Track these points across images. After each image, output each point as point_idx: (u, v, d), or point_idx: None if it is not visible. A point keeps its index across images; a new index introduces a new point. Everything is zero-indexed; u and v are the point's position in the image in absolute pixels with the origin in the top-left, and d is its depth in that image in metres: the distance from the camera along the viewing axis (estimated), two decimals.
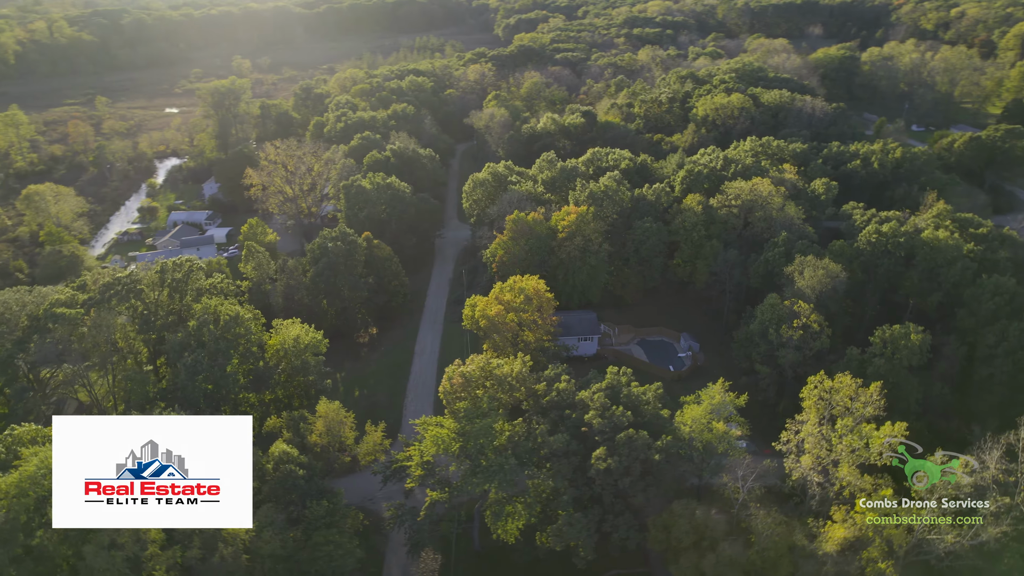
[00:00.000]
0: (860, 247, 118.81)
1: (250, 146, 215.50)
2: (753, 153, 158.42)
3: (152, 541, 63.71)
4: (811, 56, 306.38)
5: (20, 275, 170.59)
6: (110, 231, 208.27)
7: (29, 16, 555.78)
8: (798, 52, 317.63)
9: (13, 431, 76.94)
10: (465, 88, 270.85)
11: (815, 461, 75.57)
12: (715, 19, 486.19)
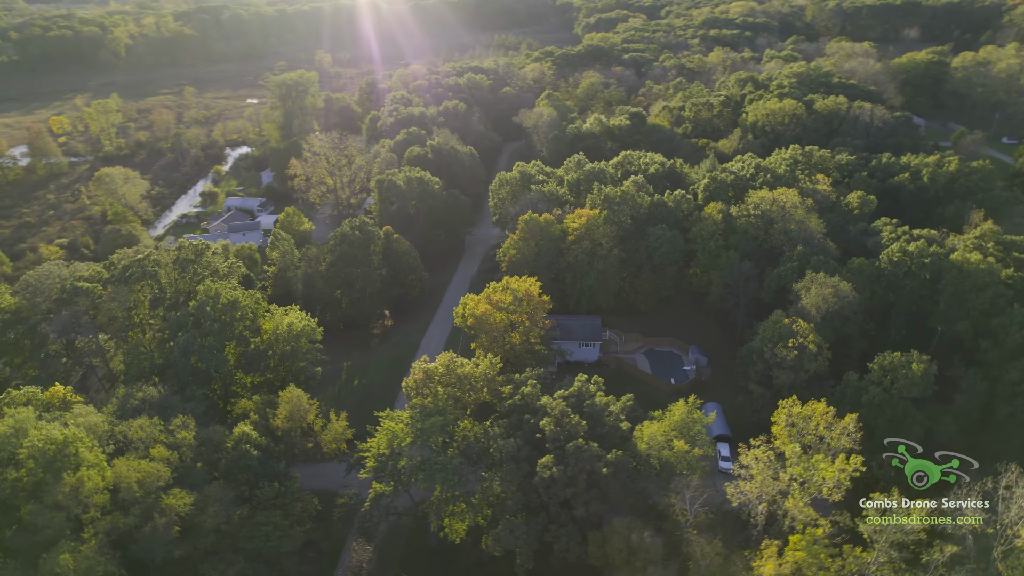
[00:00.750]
0: (882, 266, 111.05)
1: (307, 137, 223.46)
2: (792, 162, 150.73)
3: (94, 505, 67.75)
4: (894, 61, 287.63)
5: (85, 251, 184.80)
6: (173, 213, 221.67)
7: (144, 12, 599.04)
8: (883, 56, 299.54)
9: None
10: (522, 87, 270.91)
11: (760, 489, 71.42)
12: (802, 21, 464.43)
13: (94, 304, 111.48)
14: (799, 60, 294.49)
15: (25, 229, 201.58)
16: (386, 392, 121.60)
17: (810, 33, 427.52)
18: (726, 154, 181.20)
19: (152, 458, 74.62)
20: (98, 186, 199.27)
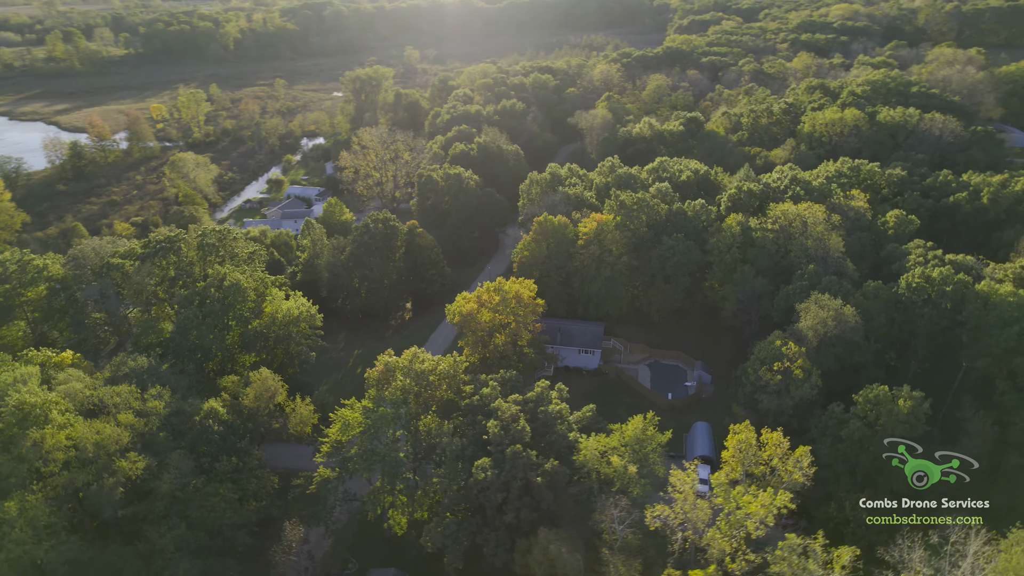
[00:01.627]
0: (900, 292, 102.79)
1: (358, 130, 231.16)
2: (834, 175, 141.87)
3: (54, 460, 73.85)
4: (1001, 69, 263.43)
5: (153, 229, 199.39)
6: (241, 198, 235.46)
7: (257, 8, 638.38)
8: (991, 64, 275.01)
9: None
10: (587, 88, 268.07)
11: (681, 515, 68.10)
12: (912, 25, 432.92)
13: (124, 278, 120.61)
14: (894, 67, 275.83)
15: (110, 207, 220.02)
16: None
17: (918, 38, 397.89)
18: (775, 164, 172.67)
19: (118, 423, 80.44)
20: (172, 169, 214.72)
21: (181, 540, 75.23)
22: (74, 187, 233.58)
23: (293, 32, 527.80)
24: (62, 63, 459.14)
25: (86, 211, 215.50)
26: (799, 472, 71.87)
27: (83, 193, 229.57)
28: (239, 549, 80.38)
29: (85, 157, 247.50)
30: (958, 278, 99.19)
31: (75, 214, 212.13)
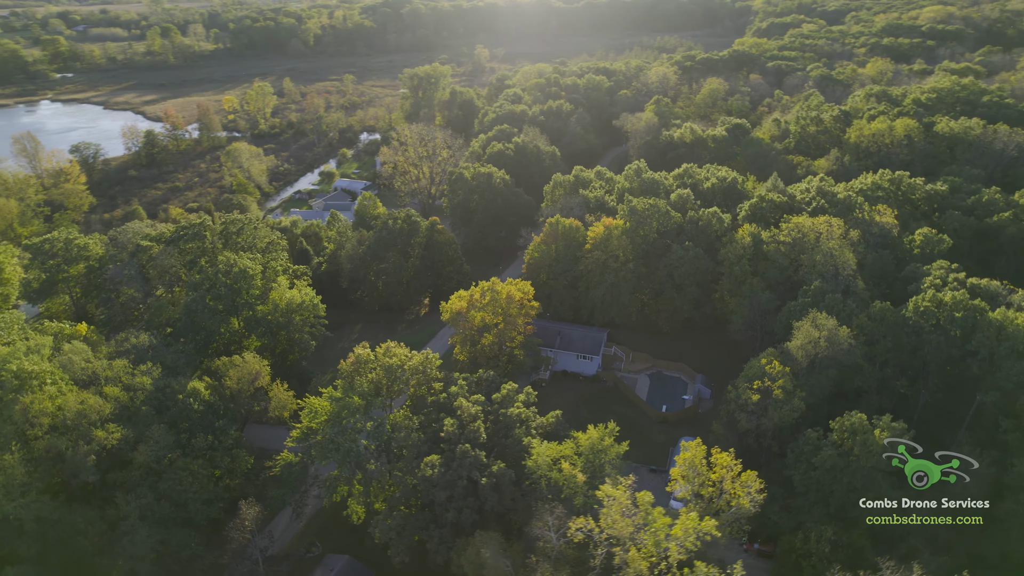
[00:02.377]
0: (907, 315, 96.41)
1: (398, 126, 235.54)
2: (872, 188, 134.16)
3: (40, 425, 79.64)
4: None
5: (205, 215, 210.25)
6: (293, 189, 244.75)
7: (341, 6, 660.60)
8: None
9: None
10: (640, 91, 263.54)
11: (605, 531, 66.27)
12: (1016, 28, 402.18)
13: (150, 260, 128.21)
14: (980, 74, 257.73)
15: (172, 192, 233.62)
16: None
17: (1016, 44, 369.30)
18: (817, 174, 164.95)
19: (104, 395, 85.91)
20: (228, 158, 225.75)
21: (146, 509, 79.55)
22: (144, 173, 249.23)
23: (370, 29, 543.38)
24: (158, 57, 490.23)
25: (151, 196, 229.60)
26: (746, 497, 68.84)
27: (152, 179, 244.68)
28: (202, 523, 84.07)
29: (157, 145, 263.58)
30: (971, 304, 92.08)
31: (141, 198, 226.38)
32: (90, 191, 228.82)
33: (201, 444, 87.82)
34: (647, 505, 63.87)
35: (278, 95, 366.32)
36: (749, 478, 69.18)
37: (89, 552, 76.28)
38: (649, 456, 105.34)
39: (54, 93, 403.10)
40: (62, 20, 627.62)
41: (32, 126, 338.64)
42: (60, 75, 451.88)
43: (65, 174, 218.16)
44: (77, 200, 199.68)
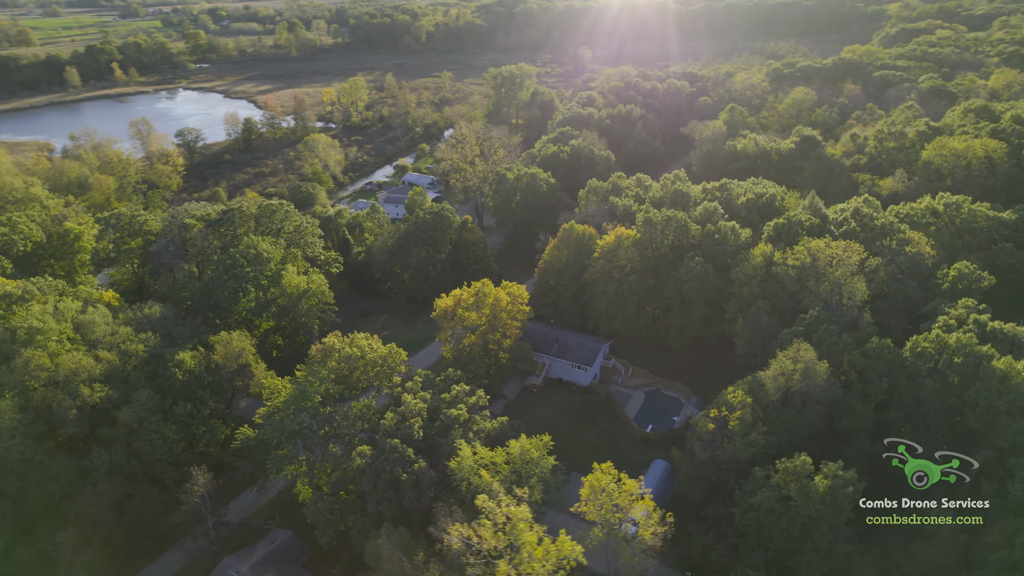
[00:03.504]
0: (904, 356, 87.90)
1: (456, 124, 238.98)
2: (925, 213, 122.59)
3: (37, 378, 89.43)
4: None
5: (277, 200, 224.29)
6: (367, 180, 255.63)
7: (459, 4, 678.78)
8: None
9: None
10: (722, 97, 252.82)
11: (477, 543, 65.22)
12: None
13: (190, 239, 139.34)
14: None
15: (257, 177, 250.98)
16: None
17: None
18: (881, 195, 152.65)
19: (98, 357, 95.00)
20: (306, 148, 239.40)
21: (116, 464, 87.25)
22: (238, 158, 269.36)
23: (480, 27, 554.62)
24: (282, 50, 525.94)
25: (238, 179, 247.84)
26: (650, 531, 65.96)
27: (243, 163, 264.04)
28: (169, 484, 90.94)
29: (254, 132, 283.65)
30: (975, 349, 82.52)
31: (229, 181, 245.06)
32: (188, 172, 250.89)
33: (180, 411, 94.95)
34: (518, 522, 62.53)
35: (378, 89, 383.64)
36: (644, 504, 66.05)
37: (59, 496, 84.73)
38: None
39: (188, 81, 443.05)
40: (210, 16, 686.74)
41: (164, 110, 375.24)
42: (197, 65, 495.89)
43: (167, 156, 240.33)
44: (167, 180, 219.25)
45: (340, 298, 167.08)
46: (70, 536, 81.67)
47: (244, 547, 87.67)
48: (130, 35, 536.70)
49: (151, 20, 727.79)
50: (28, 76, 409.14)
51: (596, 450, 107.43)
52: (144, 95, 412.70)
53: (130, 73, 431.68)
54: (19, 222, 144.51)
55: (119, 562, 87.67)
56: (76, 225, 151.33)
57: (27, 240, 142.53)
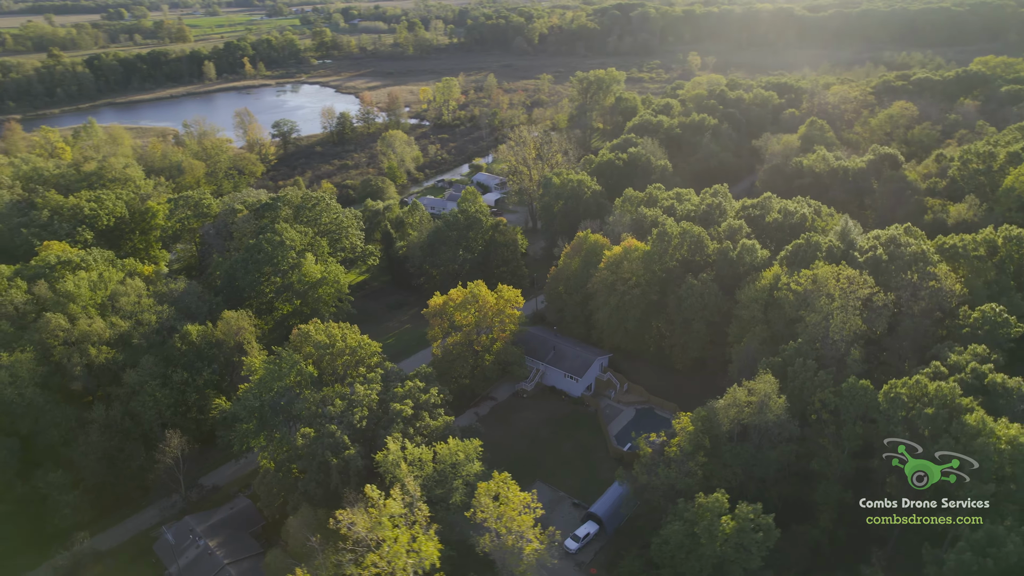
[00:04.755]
0: (879, 401, 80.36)
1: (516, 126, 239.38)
2: (978, 245, 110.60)
3: (56, 337, 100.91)
4: None
5: (351, 192, 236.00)
6: (442, 177, 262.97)
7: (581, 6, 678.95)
8: None
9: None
10: (809, 110, 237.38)
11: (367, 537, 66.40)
12: None
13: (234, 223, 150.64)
14: None
15: (340, 169, 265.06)
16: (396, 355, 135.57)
17: None
18: (946, 223, 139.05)
19: (112, 324, 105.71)
20: (383, 143, 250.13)
21: (112, 419, 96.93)
22: (328, 150, 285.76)
23: (593, 31, 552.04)
24: (399, 48, 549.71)
25: (323, 170, 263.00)
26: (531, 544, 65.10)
27: (331, 156, 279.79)
28: (156, 444, 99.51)
29: (347, 127, 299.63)
30: (956, 401, 74.10)
31: (314, 171, 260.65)
32: (280, 161, 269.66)
33: (177, 379, 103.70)
34: (384, 519, 63.48)
35: (477, 90, 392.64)
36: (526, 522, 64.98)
37: (58, 441, 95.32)
38: (584, 490, 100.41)
39: (308, 76, 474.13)
40: (342, 15, 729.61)
41: (279, 102, 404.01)
42: (319, 61, 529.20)
43: (260, 144, 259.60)
44: (252, 167, 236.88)
45: (380, 289, 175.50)
46: (59, 478, 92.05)
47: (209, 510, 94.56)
48: (272, 32, 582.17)
49: (292, 19, 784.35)
50: (174, 69, 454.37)
51: (567, 462, 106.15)
52: (267, 88, 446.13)
53: (258, 67, 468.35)
54: (106, 199, 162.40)
55: (104, 509, 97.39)
56: (155, 204, 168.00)
57: (111, 215, 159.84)
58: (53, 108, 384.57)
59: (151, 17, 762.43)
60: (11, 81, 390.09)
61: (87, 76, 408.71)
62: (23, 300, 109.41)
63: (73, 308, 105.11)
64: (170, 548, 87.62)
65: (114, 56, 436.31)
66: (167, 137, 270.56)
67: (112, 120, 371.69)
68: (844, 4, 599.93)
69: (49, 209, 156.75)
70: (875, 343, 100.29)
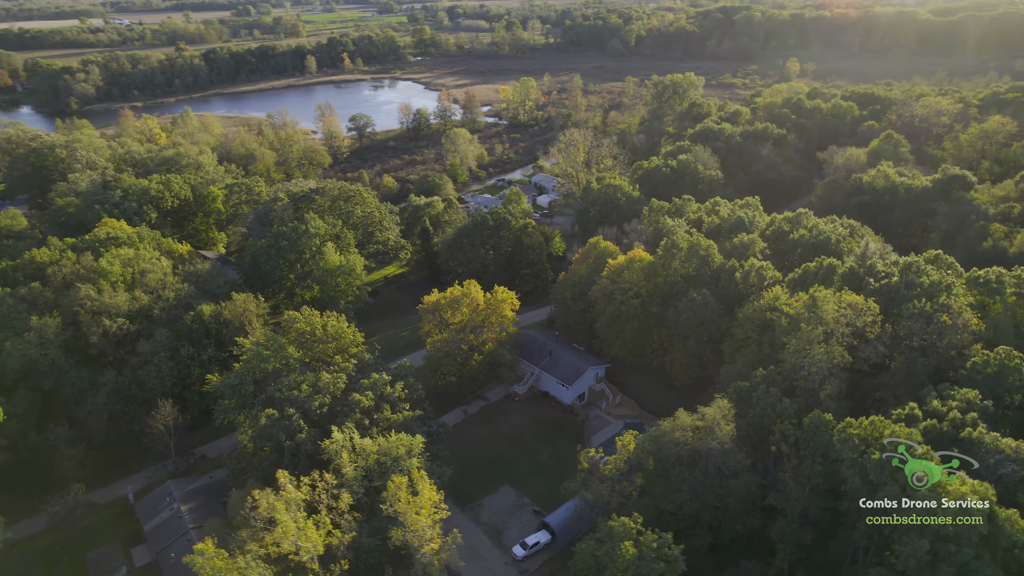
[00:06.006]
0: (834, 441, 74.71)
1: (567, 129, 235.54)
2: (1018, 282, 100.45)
3: (83, 307, 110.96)
4: None
5: (410, 186, 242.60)
6: (504, 176, 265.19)
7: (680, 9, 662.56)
8: None
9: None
10: (892, 124, 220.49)
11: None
12: None
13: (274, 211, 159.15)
14: None
15: (408, 164, 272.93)
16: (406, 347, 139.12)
17: None
18: (1007, 254, 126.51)
19: (134, 298, 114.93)
20: (448, 141, 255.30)
21: (120, 384, 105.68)
22: (401, 145, 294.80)
23: (691, 34, 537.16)
24: (494, 47, 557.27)
25: (391, 164, 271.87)
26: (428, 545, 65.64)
27: (403, 151, 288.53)
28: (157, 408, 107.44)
29: (423, 123, 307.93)
30: (901, 451, 67.91)
31: (382, 165, 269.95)
32: (353, 154, 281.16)
33: (185, 353, 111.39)
34: (279, 503, 65.59)
35: (560, 91, 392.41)
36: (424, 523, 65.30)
37: (71, 400, 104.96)
38: (550, 499, 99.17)
39: (401, 72, 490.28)
40: (447, 13, 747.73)
41: (369, 96, 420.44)
42: (415, 58, 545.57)
43: (334, 137, 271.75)
44: (320, 159, 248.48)
45: (416, 283, 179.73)
46: (67, 432, 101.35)
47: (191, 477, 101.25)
48: (375, 28, 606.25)
49: (400, 16, 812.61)
50: (279, 62, 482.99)
51: (540, 469, 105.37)
52: (362, 82, 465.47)
53: (356, 62, 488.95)
54: (173, 182, 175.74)
55: (106, 466, 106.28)
56: (215, 189, 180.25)
57: (175, 197, 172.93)
58: (170, 96, 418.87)
59: (274, 14, 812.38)
60: (138, 72, 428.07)
61: (202, 68, 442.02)
62: (70, 271, 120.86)
63: (103, 282, 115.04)
64: (149, 508, 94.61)
65: (227, 50, 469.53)
66: (252, 127, 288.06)
67: (220, 108, 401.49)
68: (979, 7, 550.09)
69: (122, 189, 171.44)
70: (872, 376, 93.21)
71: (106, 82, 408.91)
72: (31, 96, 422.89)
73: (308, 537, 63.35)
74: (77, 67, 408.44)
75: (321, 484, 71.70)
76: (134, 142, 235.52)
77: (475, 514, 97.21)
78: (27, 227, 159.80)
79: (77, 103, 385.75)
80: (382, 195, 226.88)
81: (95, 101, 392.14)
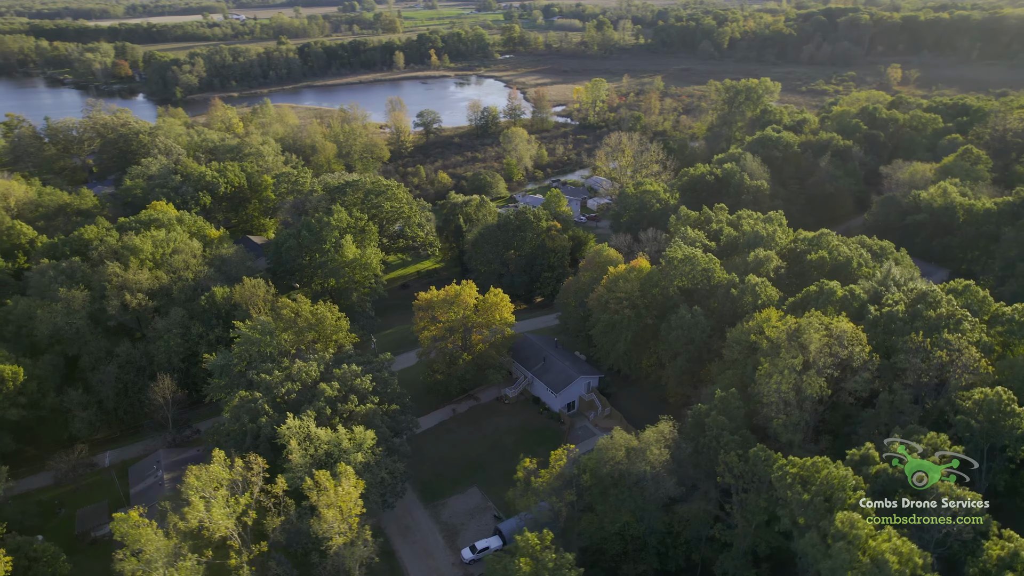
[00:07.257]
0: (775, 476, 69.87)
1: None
2: None
3: (110, 283, 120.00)
4: None
5: (464, 183, 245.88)
6: (561, 177, 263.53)
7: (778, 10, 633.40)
8: None
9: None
10: (978, 137, 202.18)
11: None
12: None
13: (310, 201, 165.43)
14: None
15: (469, 161, 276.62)
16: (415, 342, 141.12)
17: None
18: None
19: (156, 277, 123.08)
20: (505, 140, 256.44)
21: (132, 356, 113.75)
22: (465, 142, 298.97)
23: (787, 37, 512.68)
24: (583, 47, 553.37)
25: (452, 160, 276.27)
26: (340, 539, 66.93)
27: (466, 148, 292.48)
28: None
29: (490, 121, 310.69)
30: (839, 494, 62.76)
31: (444, 161, 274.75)
32: (418, 149, 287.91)
33: (194, 331, 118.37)
34: (192, 480, 68.51)
35: (638, 93, 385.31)
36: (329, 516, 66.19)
37: (88, 367, 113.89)
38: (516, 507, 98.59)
39: (485, 70, 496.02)
40: (542, 12, 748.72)
41: (451, 92, 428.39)
42: (502, 56, 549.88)
43: (399, 131, 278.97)
44: (380, 152, 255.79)
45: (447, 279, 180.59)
46: (80, 396, 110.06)
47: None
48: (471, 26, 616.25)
49: (497, 14, 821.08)
50: (369, 57, 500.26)
51: (513, 475, 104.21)
52: (447, 79, 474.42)
53: (443, 59, 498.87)
54: (229, 169, 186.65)
55: (114, 431, 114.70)
56: (268, 178, 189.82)
57: (229, 184, 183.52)
58: (264, 88, 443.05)
59: (377, 9, 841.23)
60: (238, 64, 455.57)
61: (296, 61, 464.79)
62: (106, 248, 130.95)
63: (133, 259, 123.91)
64: (138, 474, 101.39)
65: (320, 44, 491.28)
66: (325, 119, 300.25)
67: (310, 100, 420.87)
68: None
69: (182, 175, 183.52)
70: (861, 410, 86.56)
71: (209, 73, 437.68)
72: (145, 85, 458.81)
73: (212, 517, 66.19)
74: (184, 59, 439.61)
75: (256, 467, 74.48)
76: (212, 131, 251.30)
77: (436, 512, 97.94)
78: (94, 206, 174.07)
79: (182, 92, 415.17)
80: (435, 191, 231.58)
81: (197, 91, 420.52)
